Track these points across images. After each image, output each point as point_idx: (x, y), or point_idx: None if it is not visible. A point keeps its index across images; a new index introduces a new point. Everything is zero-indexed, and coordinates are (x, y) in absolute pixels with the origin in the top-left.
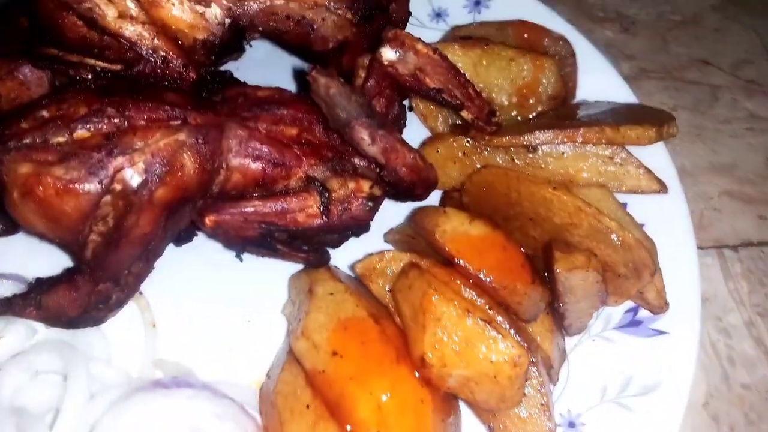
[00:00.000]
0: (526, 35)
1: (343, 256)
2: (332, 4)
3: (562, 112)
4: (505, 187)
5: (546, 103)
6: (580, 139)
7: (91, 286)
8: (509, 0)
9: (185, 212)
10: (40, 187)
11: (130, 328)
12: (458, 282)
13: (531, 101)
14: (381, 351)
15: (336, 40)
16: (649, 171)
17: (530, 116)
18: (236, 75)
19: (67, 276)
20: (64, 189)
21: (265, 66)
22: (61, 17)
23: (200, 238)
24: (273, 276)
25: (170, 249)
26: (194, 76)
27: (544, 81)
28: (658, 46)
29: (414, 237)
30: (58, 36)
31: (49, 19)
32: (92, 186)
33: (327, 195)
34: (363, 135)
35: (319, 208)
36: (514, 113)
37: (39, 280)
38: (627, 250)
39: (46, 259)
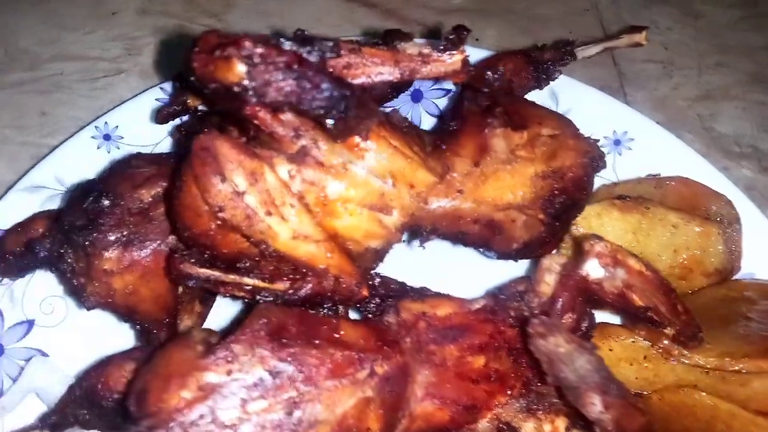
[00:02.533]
0: (686, 194)
1: None
2: (525, 204)
3: (728, 296)
4: (710, 416)
5: (711, 276)
6: None
7: None
8: (655, 141)
9: None
10: None
11: None
12: None
13: (694, 274)
14: None
15: (520, 242)
16: None
17: (689, 292)
18: None
19: None
20: None
21: None
22: (219, 234)
23: None
24: None
25: None
26: (365, 295)
27: (710, 252)
28: None
29: None
30: (206, 251)
31: (199, 234)
32: None
33: None
34: (594, 401)
35: None
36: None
37: None
38: None
39: None
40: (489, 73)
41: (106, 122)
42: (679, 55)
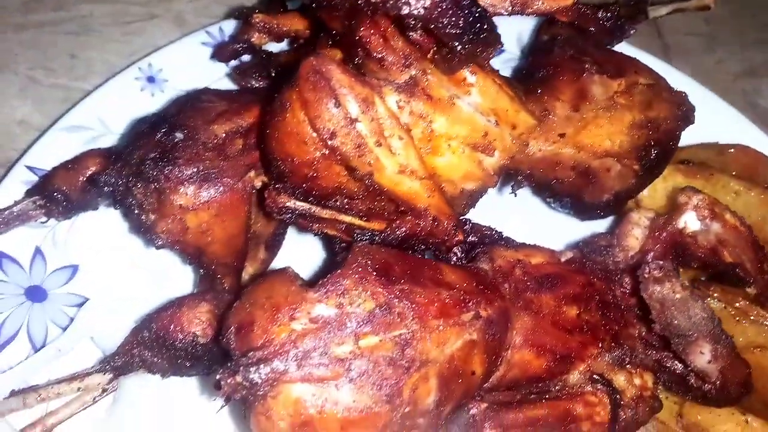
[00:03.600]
0: (745, 161)
1: None
2: (623, 153)
3: None
4: None
5: None
6: None
7: None
8: (709, 109)
9: (455, 423)
10: (322, 418)
11: None
12: None
13: None
14: None
15: (611, 192)
16: None
17: None
18: None
19: None
20: (351, 421)
21: None
22: (320, 167)
23: None
24: None
25: None
26: (461, 239)
27: None
28: None
29: (663, 422)
30: (303, 183)
31: (300, 165)
32: (386, 416)
33: (618, 399)
34: (705, 350)
35: (608, 415)
36: None
37: None
38: None
39: None
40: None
41: (150, 64)
42: (721, 30)
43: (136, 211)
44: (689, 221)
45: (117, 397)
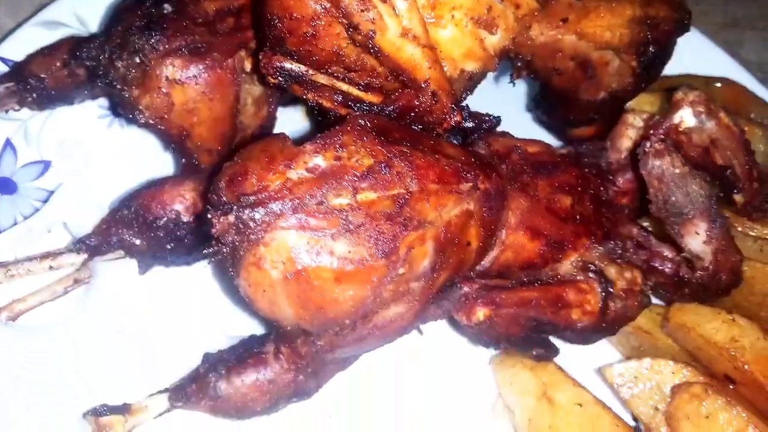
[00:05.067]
0: (730, 96)
1: None
2: (622, 47)
3: None
4: None
5: None
6: None
7: (290, 375)
8: (696, 49)
9: (447, 299)
10: (316, 268)
11: None
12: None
13: None
14: None
15: (608, 90)
16: None
17: None
18: None
19: (253, 359)
20: (346, 273)
21: None
22: (320, 25)
23: None
24: None
25: None
26: (459, 120)
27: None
28: None
29: (648, 332)
30: (304, 46)
31: (298, 22)
32: (382, 271)
33: (609, 288)
34: (700, 230)
35: (599, 303)
36: None
37: (210, 360)
38: None
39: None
40: None
41: None
42: None
43: (118, 86)
44: (685, 116)
45: (90, 287)
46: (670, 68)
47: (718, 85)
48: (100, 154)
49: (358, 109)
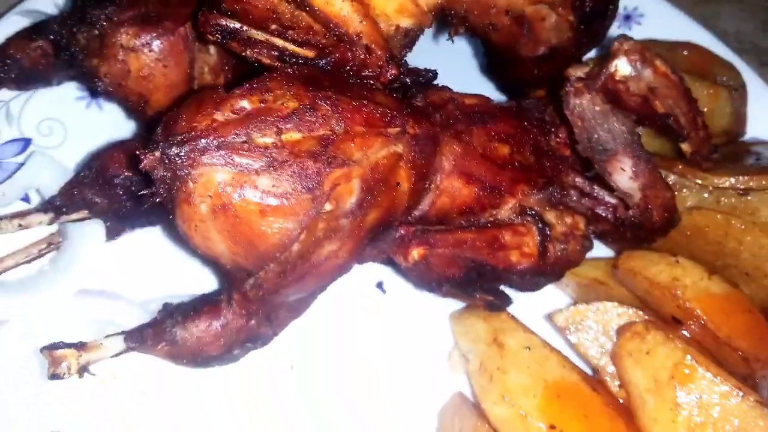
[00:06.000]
0: (695, 60)
1: None
2: (556, 2)
3: (738, 150)
4: (722, 235)
5: (718, 137)
6: None
7: (241, 320)
8: (664, 18)
9: (384, 240)
10: (241, 202)
11: None
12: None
13: None
14: (609, 428)
15: (548, 45)
16: None
17: None
18: None
19: (207, 306)
20: (270, 206)
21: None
22: None
23: None
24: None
25: None
26: (395, 73)
27: (718, 113)
28: None
29: (602, 282)
30: (239, 3)
31: None
32: (305, 205)
33: (547, 231)
34: (625, 166)
35: (537, 246)
36: None
37: (168, 308)
38: None
39: (159, 275)
40: None
41: None
42: None
43: (80, 57)
44: (620, 65)
45: (62, 249)
46: (637, 37)
47: (683, 50)
48: (78, 132)
49: (294, 64)
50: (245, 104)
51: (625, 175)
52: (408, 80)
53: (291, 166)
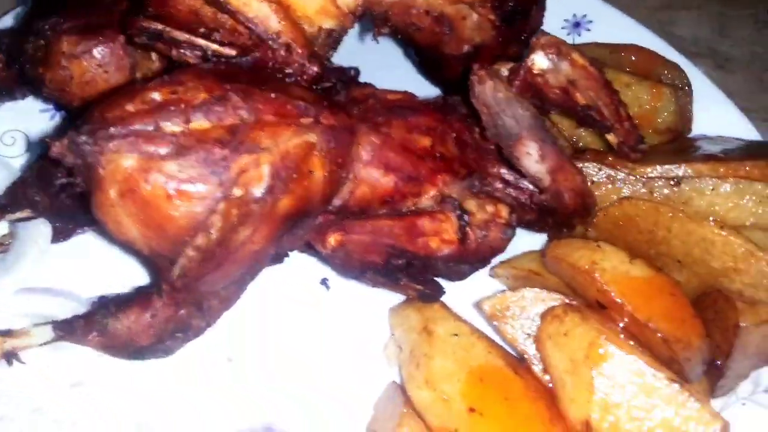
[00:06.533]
0: (640, 61)
1: None
2: (475, 1)
3: (680, 146)
4: (652, 223)
5: (662, 134)
6: (743, 174)
7: (170, 310)
8: (613, 24)
9: (302, 228)
10: (148, 186)
11: None
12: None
13: (645, 131)
14: (530, 410)
15: (471, 43)
16: None
17: None
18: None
19: (139, 297)
20: (176, 190)
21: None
22: None
23: None
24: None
25: None
26: (317, 70)
27: (661, 111)
28: (756, 86)
29: (538, 273)
30: (164, 7)
31: None
32: (211, 189)
33: (466, 218)
34: (531, 150)
35: (456, 233)
36: None
37: (103, 300)
38: None
39: (107, 274)
40: None
41: None
42: None
43: (27, 66)
44: (537, 59)
45: (10, 249)
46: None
47: (626, 53)
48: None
49: (217, 62)
50: (156, 96)
51: (531, 158)
52: (333, 78)
53: (198, 152)
